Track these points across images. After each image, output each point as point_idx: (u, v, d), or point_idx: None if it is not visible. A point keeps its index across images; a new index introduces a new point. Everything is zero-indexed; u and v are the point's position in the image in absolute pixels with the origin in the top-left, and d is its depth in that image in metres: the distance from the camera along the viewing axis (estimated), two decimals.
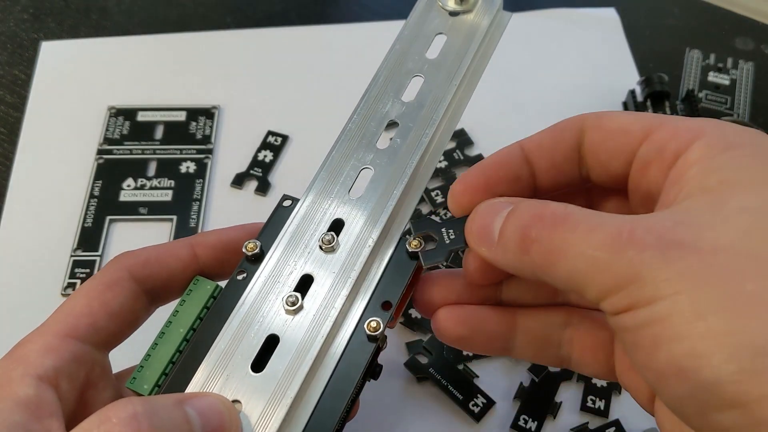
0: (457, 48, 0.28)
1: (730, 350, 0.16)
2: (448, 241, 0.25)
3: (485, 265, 0.24)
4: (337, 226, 0.25)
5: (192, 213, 0.42)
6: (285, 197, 0.26)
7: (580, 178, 0.25)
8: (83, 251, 0.40)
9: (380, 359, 0.26)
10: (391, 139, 0.27)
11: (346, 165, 0.26)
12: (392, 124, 0.27)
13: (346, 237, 0.25)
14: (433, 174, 0.43)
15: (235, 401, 0.22)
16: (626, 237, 0.18)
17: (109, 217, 0.41)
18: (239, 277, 0.25)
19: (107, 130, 0.45)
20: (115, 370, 0.25)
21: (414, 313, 0.38)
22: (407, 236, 0.25)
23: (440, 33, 0.29)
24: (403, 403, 0.35)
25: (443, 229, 0.25)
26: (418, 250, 0.25)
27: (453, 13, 0.29)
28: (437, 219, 0.41)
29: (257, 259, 0.25)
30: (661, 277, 0.18)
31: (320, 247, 0.25)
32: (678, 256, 0.18)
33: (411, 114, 0.27)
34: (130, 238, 0.41)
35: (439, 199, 0.42)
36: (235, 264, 0.25)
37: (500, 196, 0.24)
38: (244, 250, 0.25)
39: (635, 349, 0.19)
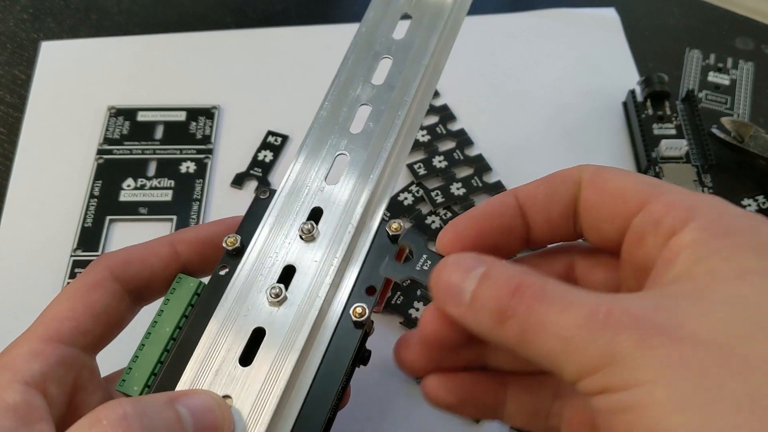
0: (423, 28, 0.28)
1: None
2: (418, 269, 0.24)
3: (445, 326, 0.23)
4: (316, 214, 0.25)
5: (192, 213, 0.42)
6: (262, 189, 0.26)
7: (574, 234, 0.24)
8: (83, 251, 0.40)
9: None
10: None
11: (321, 152, 0.26)
12: (364, 107, 0.27)
13: (326, 225, 0.25)
14: (432, 173, 0.43)
15: (226, 396, 0.22)
16: (602, 317, 0.18)
17: (109, 217, 0.41)
18: (221, 273, 0.25)
19: (107, 130, 0.45)
20: (103, 373, 0.25)
21: (414, 312, 0.38)
22: (387, 219, 0.25)
23: (405, 13, 0.29)
24: (402, 403, 0.35)
25: (424, 255, 0.24)
26: (399, 232, 0.25)
27: None
28: (435, 226, 0.41)
29: (238, 253, 0.25)
30: (638, 363, 0.17)
31: (301, 237, 0.25)
32: (657, 342, 0.17)
33: (382, 96, 0.27)
34: (130, 238, 0.41)
35: (439, 200, 0.42)
36: (217, 259, 0.25)
37: (490, 245, 0.23)
38: (224, 245, 0.25)
39: None
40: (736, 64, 0.49)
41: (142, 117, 0.46)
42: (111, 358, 0.26)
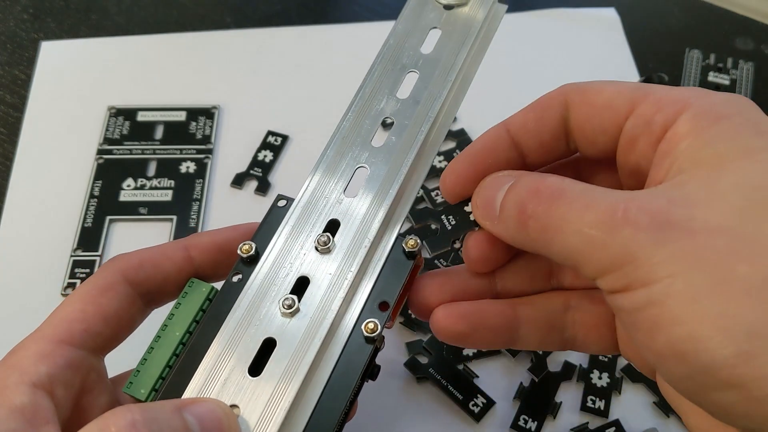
0: (452, 42, 0.28)
1: (725, 333, 0.17)
2: (449, 228, 0.25)
3: (485, 250, 0.24)
4: (333, 226, 0.25)
5: (192, 213, 0.42)
6: (280, 197, 0.26)
7: (569, 151, 0.25)
8: (83, 251, 0.40)
9: (380, 359, 0.26)
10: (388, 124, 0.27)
11: (341, 164, 0.26)
12: (387, 122, 0.27)
13: (342, 237, 0.25)
14: (432, 174, 0.43)
15: (233, 406, 0.22)
16: (620, 216, 0.19)
17: (109, 217, 0.41)
18: (235, 279, 0.24)
19: (107, 130, 0.45)
20: (111, 373, 0.25)
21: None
22: (404, 235, 0.25)
23: (435, 27, 0.28)
24: (403, 403, 0.35)
25: (443, 217, 0.25)
26: (416, 249, 0.25)
27: (447, 7, 0.28)
28: (434, 226, 0.41)
29: (252, 260, 0.25)
30: (655, 259, 0.18)
31: (316, 248, 0.25)
32: (671, 237, 0.18)
33: (406, 111, 0.27)
34: (130, 238, 0.41)
35: (439, 199, 0.42)
36: (230, 265, 0.25)
37: None
38: (239, 251, 0.25)
39: (634, 331, 0.19)
40: (736, 64, 0.49)
41: (142, 117, 0.46)
42: (117, 359, 0.25)
